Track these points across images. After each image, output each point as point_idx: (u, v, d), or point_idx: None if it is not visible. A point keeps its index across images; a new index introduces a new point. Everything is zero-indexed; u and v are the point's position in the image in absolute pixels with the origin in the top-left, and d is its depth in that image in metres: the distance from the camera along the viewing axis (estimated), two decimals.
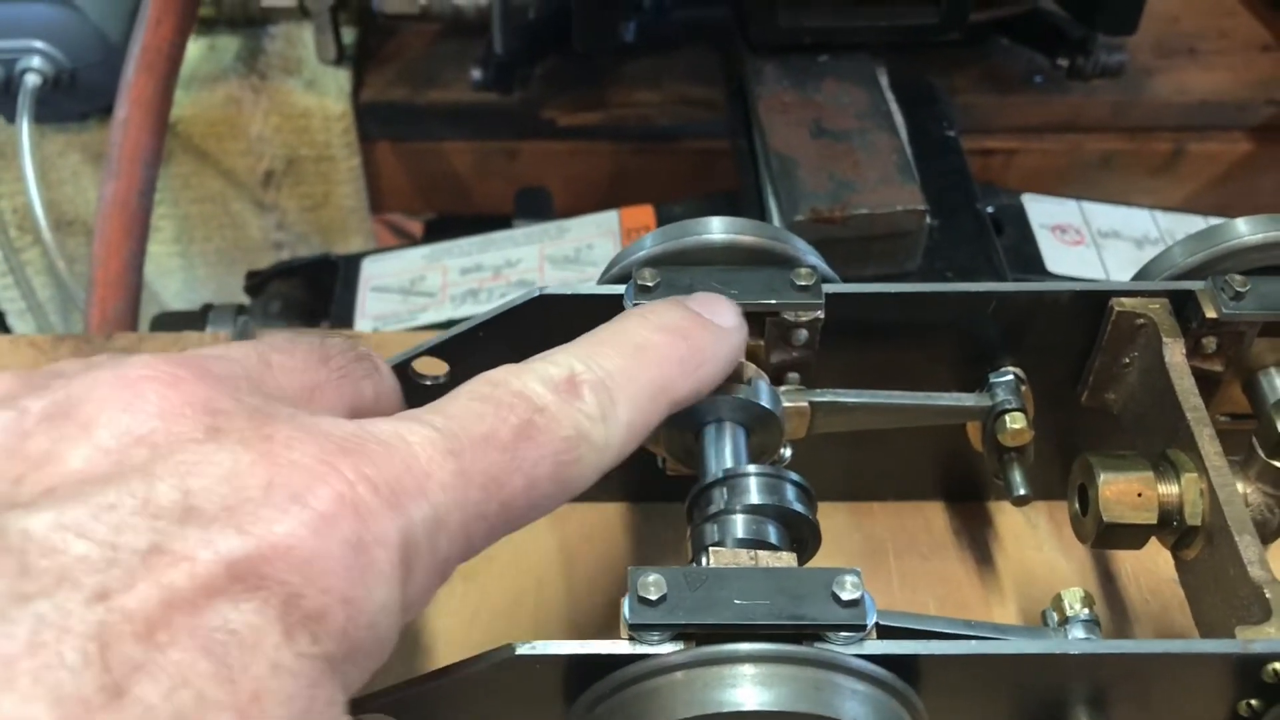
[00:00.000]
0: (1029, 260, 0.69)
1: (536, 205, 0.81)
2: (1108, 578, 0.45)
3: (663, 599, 0.30)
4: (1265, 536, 0.36)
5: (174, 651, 0.21)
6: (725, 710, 0.29)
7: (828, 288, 0.39)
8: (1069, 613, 0.35)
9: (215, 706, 0.21)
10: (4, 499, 0.23)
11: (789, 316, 0.38)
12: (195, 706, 0.21)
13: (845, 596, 0.30)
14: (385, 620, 0.24)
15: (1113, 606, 0.44)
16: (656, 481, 0.42)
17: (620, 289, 0.39)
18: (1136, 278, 0.41)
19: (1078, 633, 0.34)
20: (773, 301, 0.38)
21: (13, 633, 0.20)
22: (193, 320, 0.72)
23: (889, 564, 0.46)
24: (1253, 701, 0.32)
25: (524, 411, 0.28)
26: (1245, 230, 0.39)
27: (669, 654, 0.29)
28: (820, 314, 0.38)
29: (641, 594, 0.30)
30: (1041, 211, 0.72)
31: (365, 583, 0.24)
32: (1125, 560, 0.46)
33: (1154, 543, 0.38)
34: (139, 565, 0.22)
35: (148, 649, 0.21)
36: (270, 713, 0.22)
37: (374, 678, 0.26)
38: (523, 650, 0.30)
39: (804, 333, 0.39)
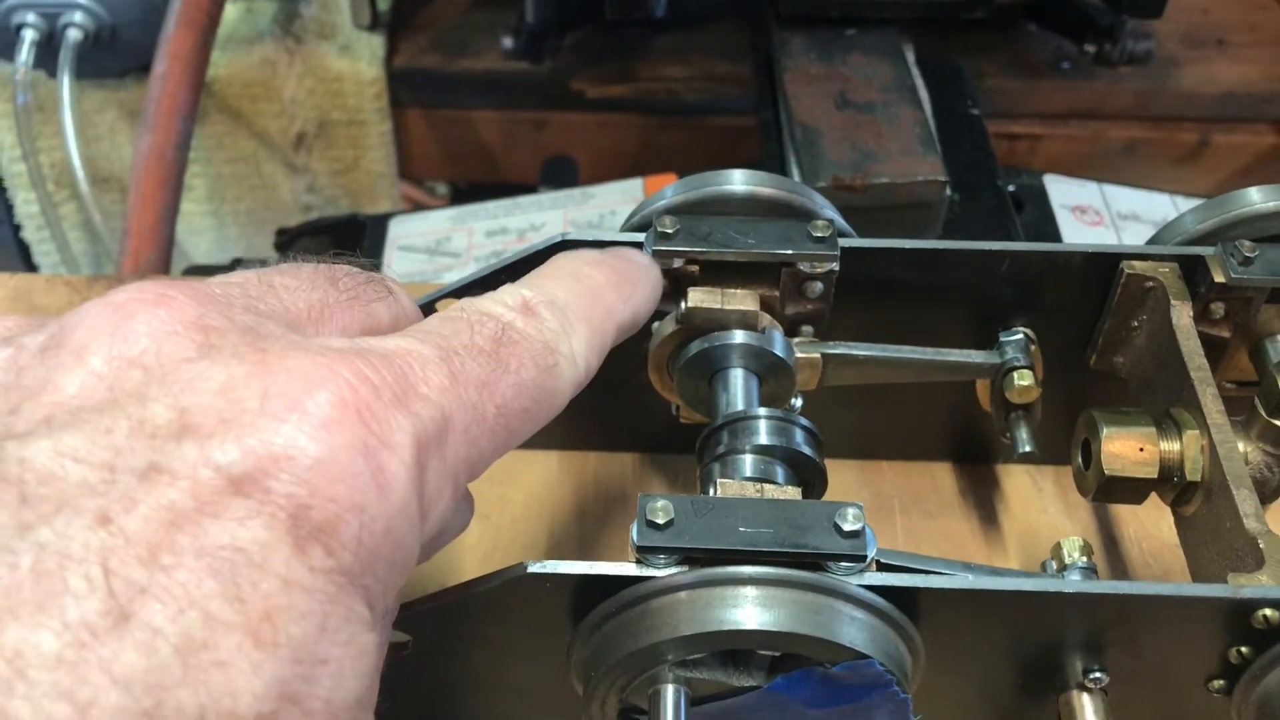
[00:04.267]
0: (1048, 239, 0.70)
1: (562, 174, 0.83)
2: (1110, 541, 0.46)
3: (670, 524, 0.31)
4: (1265, 496, 0.37)
5: (179, 573, 0.21)
6: (726, 629, 0.30)
7: (844, 242, 0.39)
8: (1067, 560, 0.36)
9: (224, 627, 0.20)
10: (1, 431, 0.23)
11: (804, 268, 0.39)
12: (203, 628, 0.20)
13: (847, 527, 0.31)
14: (404, 525, 0.24)
15: (1114, 569, 0.45)
16: (668, 433, 0.43)
17: (640, 236, 0.40)
18: (1149, 243, 0.42)
19: (1075, 579, 0.35)
20: (789, 252, 0.39)
21: (16, 562, 0.20)
22: (221, 272, 0.73)
23: (895, 520, 0.46)
24: (1243, 649, 0.33)
25: (494, 326, 0.28)
26: (1257, 198, 0.40)
27: (674, 575, 0.30)
28: (835, 266, 0.39)
29: (650, 518, 0.31)
30: (1062, 192, 0.72)
31: (376, 488, 0.23)
32: (1128, 524, 0.46)
33: (1157, 508, 0.39)
34: (137, 485, 0.21)
35: (152, 571, 0.20)
36: (283, 630, 0.21)
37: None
38: (534, 568, 0.31)
39: (819, 285, 0.40)
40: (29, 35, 0.80)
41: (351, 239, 0.75)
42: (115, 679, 0.19)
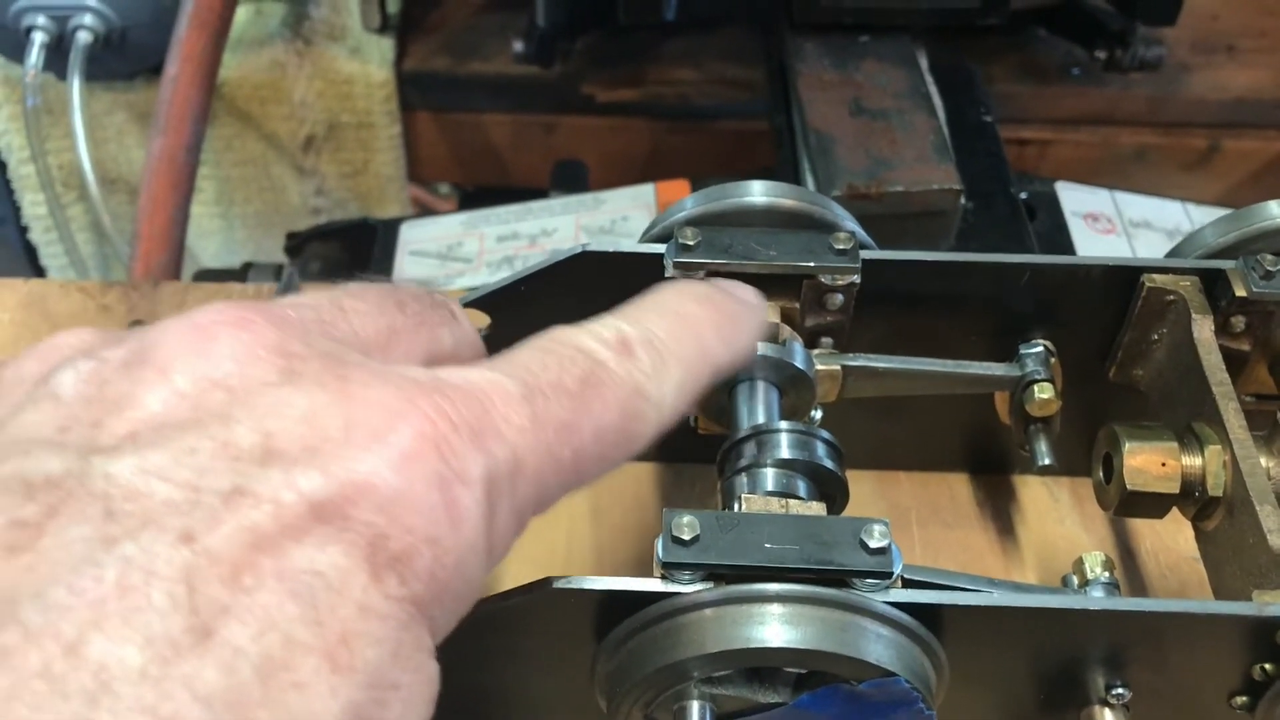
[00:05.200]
0: (1061, 247, 0.70)
1: (572, 179, 0.82)
2: (1128, 554, 0.46)
3: (695, 539, 0.31)
4: None
5: (261, 594, 0.21)
6: (752, 646, 0.30)
7: (865, 254, 0.39)
8: (1090, 575, 0.36)
9: (303, 649, 0.21)
10: (86, 443, 0.23)
11: (826, 280, 0.39)
12: (283, 649, 0.21)
13: (873, 544, 0.31)
14: (472, 560, 0.24)
15: (1132, 582, 0.45)
16: (686, 442, 0.43)
17: (661, 247, 0.40)
18: (1169, 256, 0.42)
19: (1098, 594, 0.35)
20: (810, 264, 0.39)
21: (101, 575, 0.20)
22: (233, 277, 0.73)
23: (912, 532, 0.46)
24: (1267, 666, 0.33)
25: (586, 364, 0.28)
26: (1278, 212, 0.40)
27: (699, 591, 0.30)
28: (857, 278, 0.39)
29: (675, 534, 0.31)
30: (1074, 199, 0.72)
31: (450, 521, 0.23)
32: (1145, 537, 0.46)
33: (1174, 521, 0.39)
34: (222, 507, 0.21)
35: (234, 591, 0.21)
36: (359, 655, 0.21)
37: None
38: (559, 584, 0.31)
39: (840, 297, 0.40)
40: (39, 37, 0.80)
41: (362, 244, 0.75)
42: (197, 696, 0.20)
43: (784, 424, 0.37)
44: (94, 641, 0.19)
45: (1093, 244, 0.70)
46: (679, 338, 0.31)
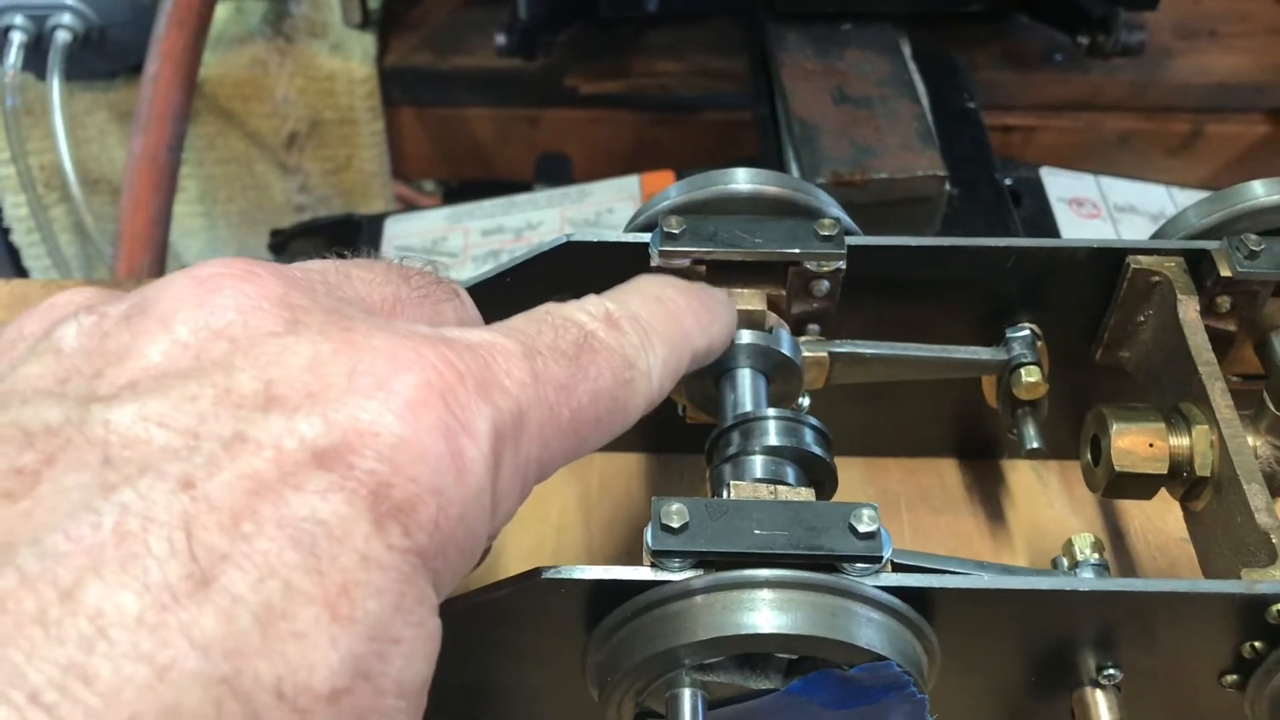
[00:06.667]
0: (1046, 232, 0.70)
1: (557, 171, 0.82)
2: (1117, 535, 0.46)
3: (685, 527, 0.31)
4: (1274, 490, 0.37)
5: (260, 541, 0.20)
6: (743, 633, 0.29)
7: (850, 240, 0.39)
8: (1079, 557, 0.36)
9: (303, 598, 0.20)
10: (85, 393, 0.23)
11: (811, 266, 0.39)
12: (283, 597, 0.20)
13: (862, 529, 0.31)
14: (476, 513, 0.24)
15: (1121, 563, 0.45)
16: (674, 432, 0.43)
17: (646, 237, 0.39)
18: (1153, 237, 0.42)
19: (1088, 575, 0.35)
20: (796, 250, 0.39)
21: (99, 522, 0.20)
22: None
23: (902, 518, 0.46)
24: (1256, 644, 0.33)
25: (577, 332, 0.29)
26: (1261, 191, 0.40)
27: (689, 579, 0.30)
28: (842, 264, 0.39)
29: (664, 521, 0.31)
30: (1059, 185, 0.73)
31: (456, 472, 0.23)
32: (1134, 518, 0.46)
33: (1163, 501, 0.39)
34: (222, 453, 0.21)
35: (234, 539, 0.20)
36: (360, 606, 0.21)
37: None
38: (549, 574, 0.31)
39: (825, 283, 0.39)
40: (17, 37, 0.79)
41: (347, 239, 0.74)
42: (194, 643, 0.19)
43: (771, 411, 0.37)
44: (91, 587, 0.19)
45: (1078, 229, 0.70)
46: (661, 318, 0.32)
